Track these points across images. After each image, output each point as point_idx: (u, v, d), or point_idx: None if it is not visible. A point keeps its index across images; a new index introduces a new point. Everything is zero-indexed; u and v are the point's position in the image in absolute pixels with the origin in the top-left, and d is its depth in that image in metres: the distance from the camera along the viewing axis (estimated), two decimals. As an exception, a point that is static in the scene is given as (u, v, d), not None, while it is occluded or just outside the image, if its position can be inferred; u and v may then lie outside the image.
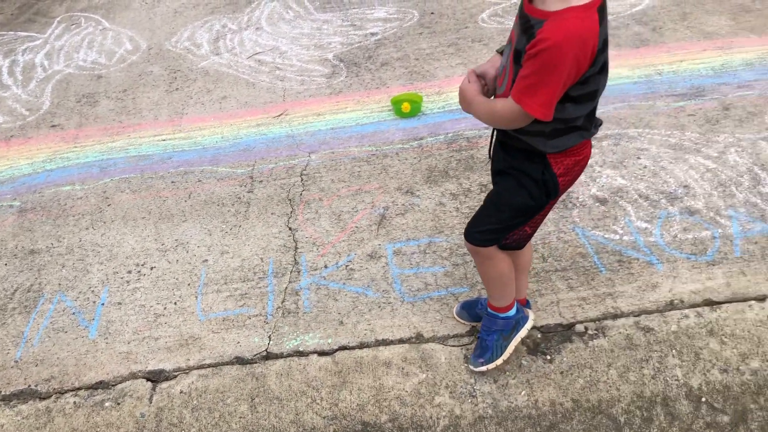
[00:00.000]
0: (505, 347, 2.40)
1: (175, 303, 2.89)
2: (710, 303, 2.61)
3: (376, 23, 5.22)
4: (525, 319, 2.43)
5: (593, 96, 1.82)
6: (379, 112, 4.07)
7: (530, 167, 1.97)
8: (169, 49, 5.18)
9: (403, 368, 2.51)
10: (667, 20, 4.78)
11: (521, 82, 1.74)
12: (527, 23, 1.72)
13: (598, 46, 1.67)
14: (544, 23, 1.66)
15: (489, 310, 2.41)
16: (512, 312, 2.38)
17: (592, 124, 1.94)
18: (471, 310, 2.62)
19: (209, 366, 2.61)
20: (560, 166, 1.95)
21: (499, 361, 2.40)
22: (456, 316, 2.65)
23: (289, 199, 3.39)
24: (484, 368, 2.41)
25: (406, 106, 3.95)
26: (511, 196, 2.04)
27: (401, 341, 2.61)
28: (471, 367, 2.44)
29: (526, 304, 2.53)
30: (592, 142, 2.25)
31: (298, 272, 2.95)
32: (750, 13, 4.75)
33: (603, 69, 1.77)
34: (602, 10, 1.68)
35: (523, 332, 2.42)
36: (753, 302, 2.59)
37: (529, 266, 2.45)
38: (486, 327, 2.42)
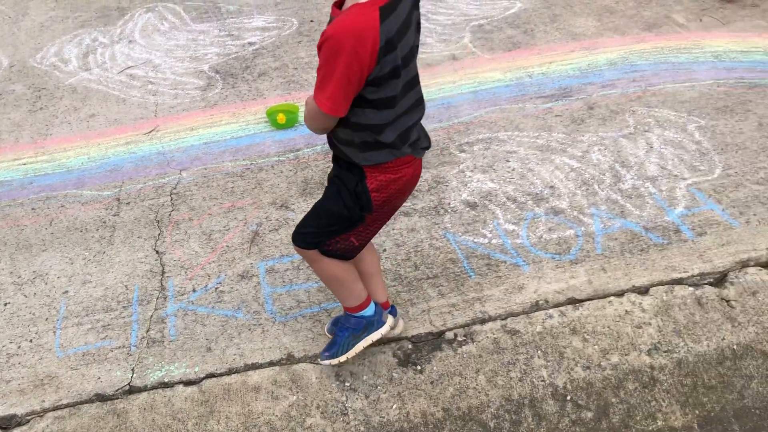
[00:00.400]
0: (353, 345, 2.37)
1: (31, 340, 2.70)
2: (573, 301, 2.68)
3: (254, 32, 5.12)
4: (381, 323, 2.41)
5: (391, 103, 1.87)
6: (255, 124, 3.98)
7: (348, 177, 2.04)
8: (34, 66, 4.89)
9: (272, 392, 2.44)
10: (538, 22, 4.92)
11: (316, 79, 1.83)
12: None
13: (380, 43, 1.73)
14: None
15: (344, 309, 2.40)
16: (366, 312, 2.36)
17: (404, 142, 1.95)
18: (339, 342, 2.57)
19: (66, 406, 2.45)
20: (374, 181, 2.00)
21: (342, 358, 2.37)
22: (328, 333, 2.61)
23: (158, 221, 3.25)
24: (327, 362, 2.40)
25: (281, 117, 3.88)
26: (329, 203, 2.12)
27: (271, 364, 2.54)
28: (318, 359, 2.46)
29: (389, 309, 2.50)
30: (464, 149, 2.27)
31: (165, 298, 2.82)
32: (614, 14, 4.96)
33: (395, 73, 1.82)
34: (387, 10, 1.74)
35: (375, 335, 2.39)
36: (612, 298, 2.68)
37: (375, 271, 2.44)
38: (341, 324, 2.41)
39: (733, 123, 3.64)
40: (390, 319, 2.43)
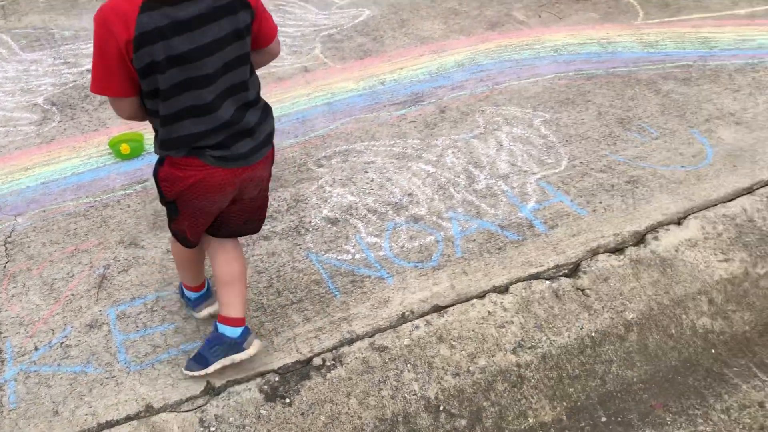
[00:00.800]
0: (216, 360, 2.36)
1: None
2: (438, 309, 2.68)
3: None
4: (243, 348, 2.36)
5: (165, 96, 1.90)
6: (98, 157, 3.72)
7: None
8: None
9: (131, 450, 2.26)
10: (387, 29, 4.95)
11: None
12: None
13: (135, 33, 1.78)
14: None
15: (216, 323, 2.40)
16: (228, 332, 2.35)
17: (212, 146, 2.02)
18: (199, 356, 2.43)
19: None
20: (164, 171, 2.10)
21: (203, 372, 2.38)
22: (186, 371, 2.44)
23: (-10, 276, 2.95)
24: (189, 373, 2.41)
25: (125, 148, 3.64)
26: None
27: (129, 418, 2.35)
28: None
29: (244, 328, 2.39)
30: (322, 164, 2.23)
31: (2, 362, 2.55)
32: (459, 16, 5.07)
33: (156, 68, 1.84)
34: (153, 5, 1.79)
35: (240, 356, 2.35)
36: (475, 300, 2.70)
37: (231, 281, 2.37)
38: (207, 340, 2.41)
39: (575, 114, 3.80)
40: (255, 344, 2.37)
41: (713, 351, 2.58)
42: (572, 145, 3.54)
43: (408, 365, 2.49)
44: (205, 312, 2.64)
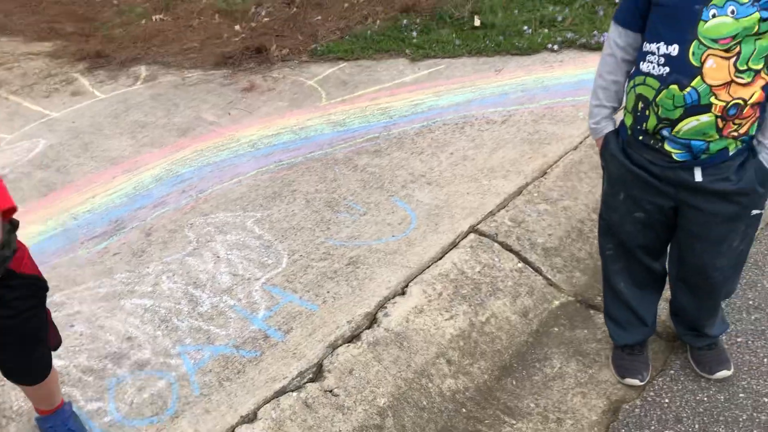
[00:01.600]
0: None
1: None
2: (186, 463, 2.40)
3: None
4: None
5: None
6: None
7: None
8: None
9: None
10: (70, 156, 4.55)
11: None
12: None
13: None
14: None
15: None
16: None
17: None
18: None
19: None
20: None
21: None
22: None
23: None
24: None
25: None
26: None
27: None
28: None
29: None
30: None
31: None
32: (146, 128, 4.86)
33: None
34: None
35: None
36: (225, 439, 2.47)
37: None
38: None
39: (285, 207, 3.80)
40: None
41: (464, 410, 2.67)
42: (289, 240, 3.52)
43: None
44: None
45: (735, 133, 2.14)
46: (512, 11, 6.25)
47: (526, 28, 5.87)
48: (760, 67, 2.02)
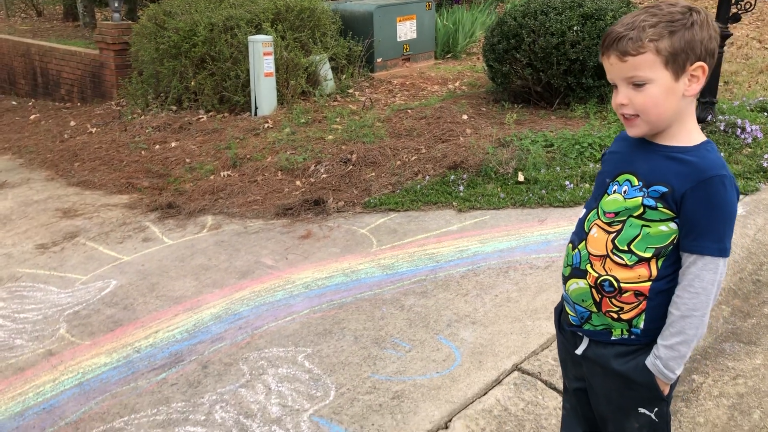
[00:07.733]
0: None
1: None
2: None
3: None
4: None
5: None
6: None
7: None
8: None
9: None
10: (137, 295, 4.88)
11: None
12: None
13: None
14: None
15: None
16: None
17: None
18: None
19: None
20: None
21: None
22: None
23: None
24: None
25: None
26: None
27: None
28: None
29: None
30: None
31: None
32: (209, 270, 5.21)
33: None
34: None
35: None
36: None
37: None
38: None
39: (334, 343, 3.97)
40: None
41: None
42: (337, 374, 3.65)
43: None
44: None
45: (615, 315, 2.07)
46: (554, 168, 6.61)
47: (568, 183, 6.19)
48: (647, 255, 2.00)
